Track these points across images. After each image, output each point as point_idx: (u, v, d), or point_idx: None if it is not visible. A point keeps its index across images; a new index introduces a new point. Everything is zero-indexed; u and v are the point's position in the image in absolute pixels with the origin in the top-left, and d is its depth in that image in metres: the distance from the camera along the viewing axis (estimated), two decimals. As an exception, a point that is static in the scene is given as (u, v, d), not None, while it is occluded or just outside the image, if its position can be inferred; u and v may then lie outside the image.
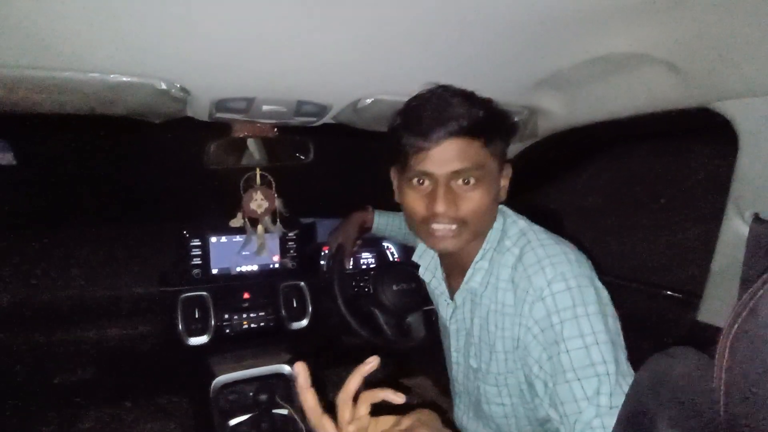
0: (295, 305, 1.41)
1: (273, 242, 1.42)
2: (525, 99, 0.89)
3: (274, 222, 1.17)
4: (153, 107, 0.75)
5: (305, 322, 1.41)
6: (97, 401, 1.60)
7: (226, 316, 1.33)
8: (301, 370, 0.56)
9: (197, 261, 1.35)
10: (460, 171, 0.71)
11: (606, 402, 0.62)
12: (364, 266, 1.68)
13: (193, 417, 1.62)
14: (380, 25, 0.59)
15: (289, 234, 1.44)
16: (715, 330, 0.64)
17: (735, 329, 0.34)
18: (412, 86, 0.75)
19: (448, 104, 0.71)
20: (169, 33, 0.56)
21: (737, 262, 0.73)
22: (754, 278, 0.35)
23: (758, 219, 0.71)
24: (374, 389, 0.57)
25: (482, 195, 0.74)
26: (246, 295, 1.38)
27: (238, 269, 1.41)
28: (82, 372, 1.42)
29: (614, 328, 0.69)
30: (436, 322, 1.09)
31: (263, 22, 0.56)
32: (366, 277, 1.54)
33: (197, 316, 1.30)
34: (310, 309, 1.43)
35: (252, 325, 1.36)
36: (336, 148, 1.36)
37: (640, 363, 0.52)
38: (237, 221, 1.17)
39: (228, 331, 1.33)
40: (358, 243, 1.39)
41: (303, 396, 0.57)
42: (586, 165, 1.52)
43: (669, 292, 1.13)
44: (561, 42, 0.69)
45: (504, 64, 0.75)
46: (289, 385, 1.26)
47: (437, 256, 0.94)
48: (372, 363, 0.57)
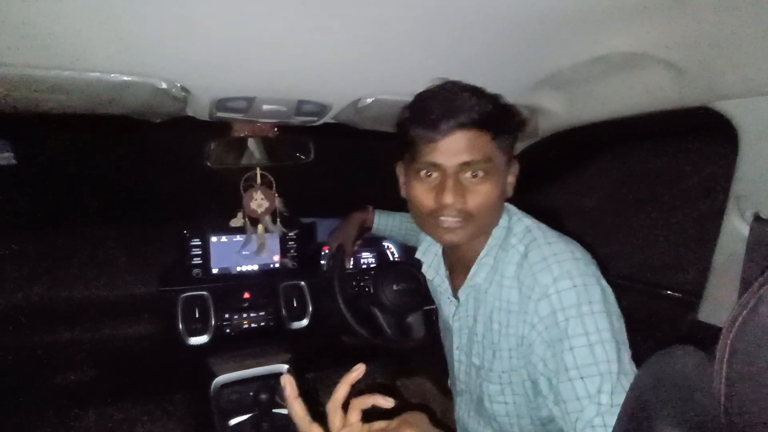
0: (296, 305, 1.41)
1: (273, 242, 1.42)
2: (525, 98, 0.89)
3: (275, 222, 1.17)
4: (153, 107, 0.75)
5: (305, 322, 1.41)
6: (97, 401, 1.60)
7: (227, 316, 1.33)
8: (288, 381, 0.58)
9: (197, 261, 1.35)
10: (469, 163, 0.71)
11: (607, 400, 0.62)
12: (364, 266, 1.68)
13: (193, 417, 1.62)
14: (380, 25, 0.59)
15: (290, 234, 1.43)
16: (716, 330, 0.64)
17: (735, 329, 0.34)
18: (413, 86, 0.75)
19: (458, 97, 0.71)
20: (169, 33, 0.56)
21: (737, 262, 0.73)
22: (754, 278, 0.35)
23: (758, 219, 0.71)
24: (363, 395, 0.58)
25: (490, 189, 0.74)
26: (246, 295, 1.38)
27: (239, 269, 1.41)
28: (82, 372, 1.42)
29: (618, 327, 0.69)
30: (436, 322, 1.09)
31: (263, 22, 0.56)
32: (366, 277, 1.54)
33: (197, 316, 1.30)
34: (311, 309, 1.42)
35: (252, 325, 1.35)
36: (336, 148, 1.35)
37: (641, 362, 0.52)
38: (237, 221, 1.17)
39: (228, 331, 1.33)
40: (358, 243, 1.39)
41: (291, 406, 0.58)
42: (587, 165, 1.51)
43: (669, 292, 1.13)
44: (561, 42, 0.69)
45: (504, 64, 0.75)
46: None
47: (441, 254, 0.94)
48: (359, 370, 0.58)
